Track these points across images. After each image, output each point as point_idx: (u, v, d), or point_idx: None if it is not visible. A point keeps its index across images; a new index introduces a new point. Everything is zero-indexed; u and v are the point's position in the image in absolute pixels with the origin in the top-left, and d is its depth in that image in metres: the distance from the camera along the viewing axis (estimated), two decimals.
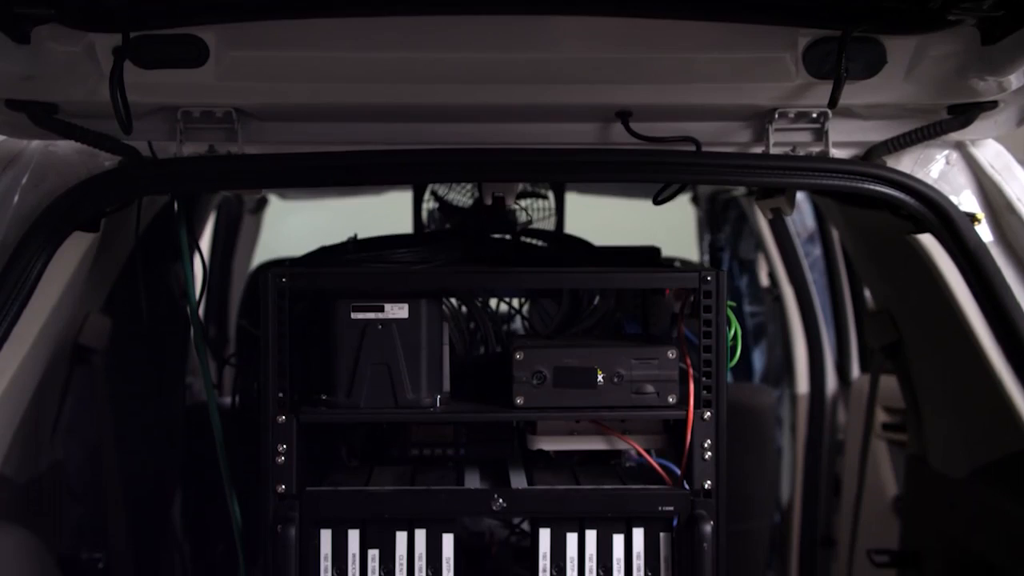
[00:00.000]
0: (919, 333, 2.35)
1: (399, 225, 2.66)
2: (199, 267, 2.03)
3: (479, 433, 1.80)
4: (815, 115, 1.75)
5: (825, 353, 3.59)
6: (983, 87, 1.63)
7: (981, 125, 1.74)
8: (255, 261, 4.21)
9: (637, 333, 1.90)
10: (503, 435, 1.82)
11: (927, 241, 1.79)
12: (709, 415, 1.67)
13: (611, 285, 1.82)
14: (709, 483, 1.67)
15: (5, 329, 1.61)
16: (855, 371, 3.56)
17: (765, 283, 3.96)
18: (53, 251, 1.67)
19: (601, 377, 1.67)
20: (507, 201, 1.86)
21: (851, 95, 1.67)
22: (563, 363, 1.67)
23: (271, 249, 3.92)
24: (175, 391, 3.07)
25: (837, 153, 1.79)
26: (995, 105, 1.70)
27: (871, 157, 1.79)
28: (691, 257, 4.10)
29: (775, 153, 1.77)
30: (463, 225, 2.55)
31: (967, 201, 1.78)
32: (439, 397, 1.71)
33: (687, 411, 1.67)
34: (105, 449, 2.56)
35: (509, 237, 2.23)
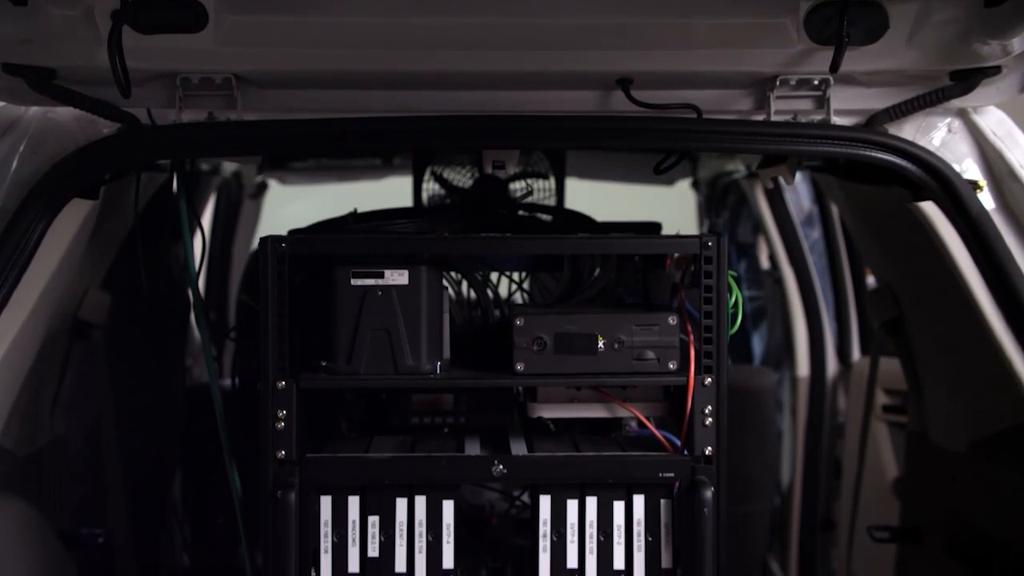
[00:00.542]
0: (920, 307, 2.34)
1: None
2: (199, 245, 2.03)
3: (479, 401, 1.80)
4: (816, 82, 1.75)
5: (826, 335, 3.59)
6: (986, 51, 1.62)
7: (983, 92, 1.73)
8: (254, 247, 4.20)
9: (638, 303, 1.89)
10: (503, 403, 1.82)
11: (929, 209, 1.79)
12: (710, 381, 1.67)
13: (612, 251, 1.82)
14: (710, 449, 1.66)
15: (5, 293, 1.60)
16: (856, 354, 3.56)
17: (765, 266, 3.95)
18: (52, 217, 1.67)
19: (602, 343, 1.67)
20: (508, 168, 1.85)
21: (853, 62, 1.66)
22: (564, 329, 1.67)
23: None
24: (175, 370, 3.07)
25: (839, 121, 1.78)
26: (998, 71, 1.69)
27: (873, 125, 1.78)
28: None
29: (776, 120, 1.77)
30: (464, 202, 2.54)
31: (969, 168, 1.77)
32: (439, 364, 1.70)
33: (688, 377, 1.66)
34: (105, 426, 2.56)
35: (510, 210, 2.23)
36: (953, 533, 2.28)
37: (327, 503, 1.66)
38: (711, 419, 1.66)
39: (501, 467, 1.66)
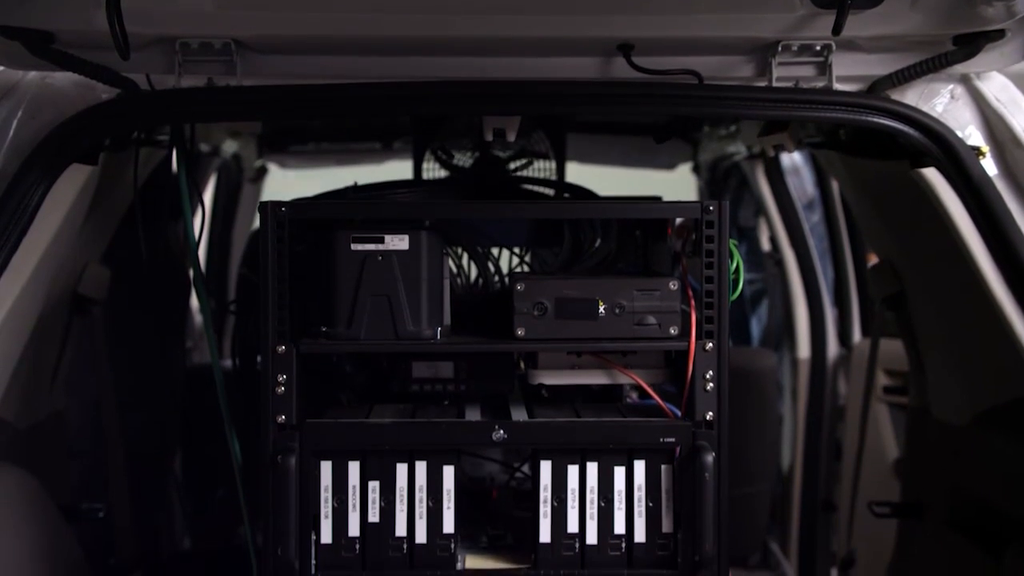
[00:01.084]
0: (922, 280, 2.34)
1: None
2: (198, 222, 2.02)
3: (480, 369, 1.79)
4: (819, 48, 1.74)
5: (827, 317, 3.58)
6: (991, 13, 1.61)
7: (987, 57, 1.72)
8: (255, 228, 4.19)
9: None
10: (504, 371, 1.81)
11: (931, 176, 1.78)
12: (711, 346, 1.66)
13: (613, 215, 1.81)
14: (711, 414, 1.66)
15: (4, 257, 1.60)
16: (856, 336, 3.55)
17: (766, 248, 3.94)
18: (51, 183, 1.66)
19: (603, 308, 1.66)
20: (508, 135, 1.84)
21: (856, 26, 1.65)
22: (564, 294, 1.66)
23: None
24: (175, 348, 3.06)
25: (841, 88, 1.77)
26: (1002, 35, 1.68)
27: (875, 91, 1.77)
28: None
29: (778, 87, 1.76)
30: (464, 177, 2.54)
31: (972, 135, 1.76)
32: (439, 330, 1.70)
33: (689, 342, 1.66)
34: (105, 402, 2.56)
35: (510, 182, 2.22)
36: (955, 507, 2.28)
37: (327, 468, 1.66)
38: (712, 384, 1.66)
39: (502, 432, 1.66)
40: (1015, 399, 2.05)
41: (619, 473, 1.67)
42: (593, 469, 1.67)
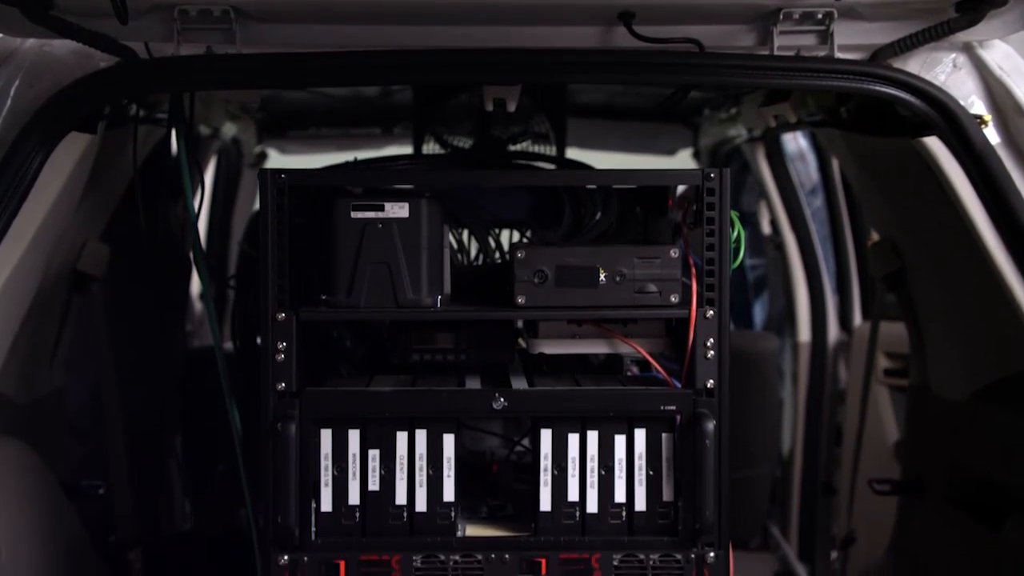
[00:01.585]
0: (923, 256, 2.33)
1: None
2: (198, 202, 2.01)
3: (480, 338, 1.79)
4: (820, 15, 1.73)
5: (827, 300, 3.58)
6: None
7: (989, 25, 1.71)
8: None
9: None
10: (504, 340, 1.80)
11: (933, 145, 1.78)
12: (711, 314, 1.66)
13: (614, 183, 1.80)
14: (711, 382, 1.65)
15: (4, 223, 1.59)
16: (857, 319, 3.55)
17: (767, 231, 3.93)
18: (50, 150, 1.65)
19: (603, 276, 1.66)
20: (508, 105, 1.83)
21: None
22: (565, 262, 1.66)
23: None
24: (175, 328, 3.06)
25: (843, 56, 1.77)
26: (1004, 2, 1.67)
27: (877, 60, 1.77)
28: None
29: (780, 55, 1.75)
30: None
31: (975, 104, 1.75)
32: (439, 298, 1.69)
33: (689, 310, 1.65)
34: (105, 380, 2.56)
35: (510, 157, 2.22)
36: (954, 483, 2.28)
37: (327, 436, 1.65)
38: (713, 352, 1.65)
39: (503, 400, 1.66)
40: (1016, 373, 2.05)
41: (620, 442, 1.66)
42: (593, 438, 1.67)
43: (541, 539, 1.66)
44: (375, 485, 1.65)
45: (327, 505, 1.65)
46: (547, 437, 1.66)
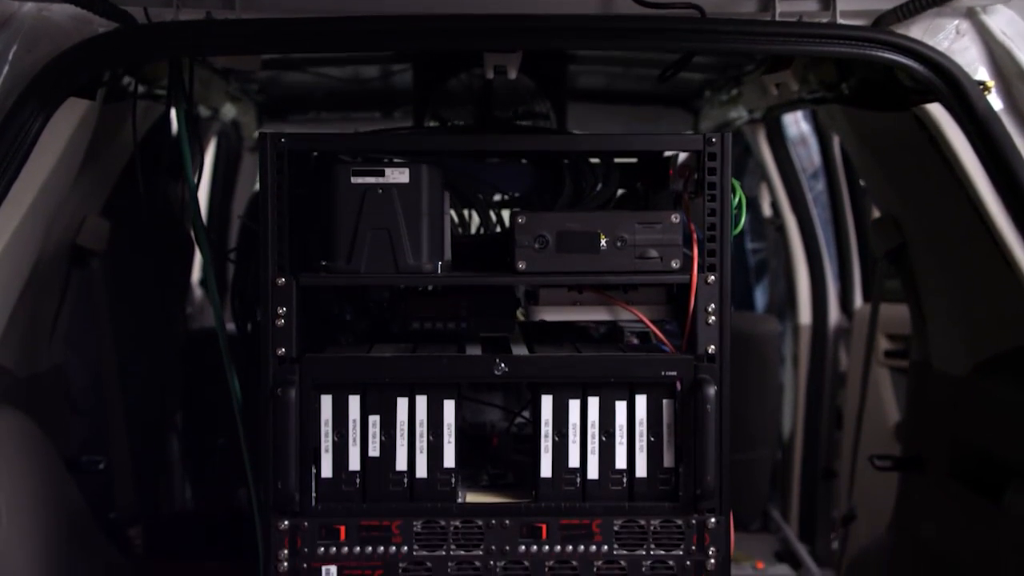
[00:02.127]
0: (924, 230, 2.33)
1: None
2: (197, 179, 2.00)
3: (480, 306, 1.78)
4: None
5: (828, 282, 3.57)
6: None
7: None
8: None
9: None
10: (505, 309, 1.80)
11: (935, 112, 1.76)
12: (713, 279, 1.65)
13: (616, 148, 1.79)
14: (712, 348, 1.65)
15: (4, 186, 1.58)
16: (858, 302, 3.54)
17: (768, 213, 3.93)
18: (49, 115, 1.65)
19: (604, 241, 1.65)
20: (509, 73, 1.82)
21: None
22: (566, 227, 1.65)
23: None
24: (176, 306, 3.06)
25: (845, 23, 1.76)
26: None
27: (880, 26, 1.76)
28: None
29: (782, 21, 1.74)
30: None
31: (978, 70, 1.74)
32: (440, 264, 1.69)
33: (691, 275, 1.65)
34: (104, 356, 2.55)
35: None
36: (955, 458, 2.27)
37: (327, 402, 1.65)
38: (714, 317, 1.65)
39: (503, 365, 1.65)
40: (1017, 347, 2.04)
41: (620, 408, 1.66)
42: (594, 404, 1.66)
43: (542, 505, 1.65)
44: (375, 451, 1.65)
45: (327, 471, 1.64)
46: (548, 403, 1.66)
